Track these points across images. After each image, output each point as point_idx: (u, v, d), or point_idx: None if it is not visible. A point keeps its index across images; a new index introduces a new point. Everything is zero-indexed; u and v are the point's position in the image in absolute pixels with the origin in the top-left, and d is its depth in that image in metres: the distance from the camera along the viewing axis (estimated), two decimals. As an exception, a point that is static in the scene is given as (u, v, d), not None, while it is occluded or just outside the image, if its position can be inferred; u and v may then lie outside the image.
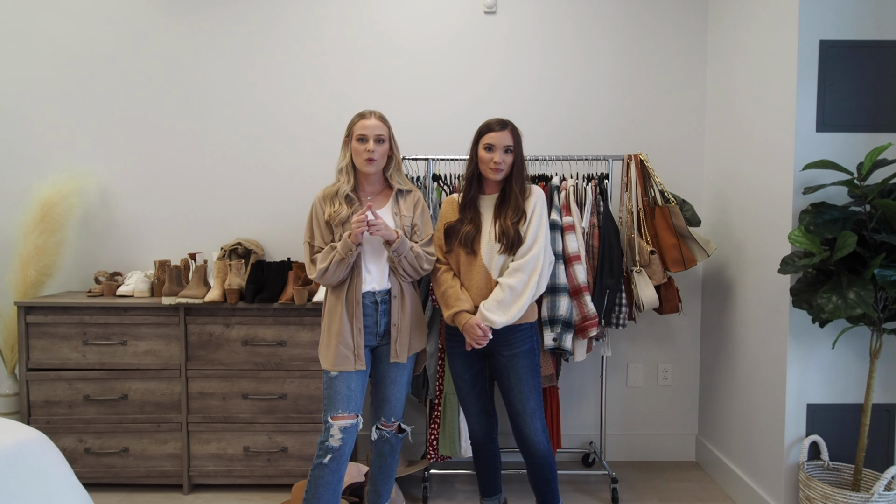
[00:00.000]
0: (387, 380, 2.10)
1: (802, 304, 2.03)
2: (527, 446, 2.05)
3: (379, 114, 2.05)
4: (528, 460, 2.07)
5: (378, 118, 2.03)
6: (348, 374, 1.99)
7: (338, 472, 1.98)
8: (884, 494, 1.92)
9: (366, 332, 2.02)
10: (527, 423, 2.02)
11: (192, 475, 2.63)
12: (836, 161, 1.97)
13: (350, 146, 2.04)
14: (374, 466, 2.20)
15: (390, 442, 2.15)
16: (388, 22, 2.96)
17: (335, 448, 1.96)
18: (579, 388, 3.03)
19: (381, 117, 2.04)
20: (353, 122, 2.05)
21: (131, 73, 2.96)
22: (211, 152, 2.99)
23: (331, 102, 2.96)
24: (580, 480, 2.79)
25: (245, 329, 2.59)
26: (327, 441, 1.96)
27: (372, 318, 2.02)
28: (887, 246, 1.90)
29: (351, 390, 1.99)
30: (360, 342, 2.00)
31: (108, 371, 2.60)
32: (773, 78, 2.29)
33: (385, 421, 2.13)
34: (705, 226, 2.91)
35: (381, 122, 2.03)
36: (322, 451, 1.97)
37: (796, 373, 2.20)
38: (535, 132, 2.94)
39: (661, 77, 2.96)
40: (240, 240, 2.84)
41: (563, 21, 2.96)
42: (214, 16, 2.95)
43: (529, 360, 2.02)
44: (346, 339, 1.98)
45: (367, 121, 2.01)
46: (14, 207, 2.92)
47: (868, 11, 2.12)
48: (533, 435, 2.02)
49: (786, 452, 2.21)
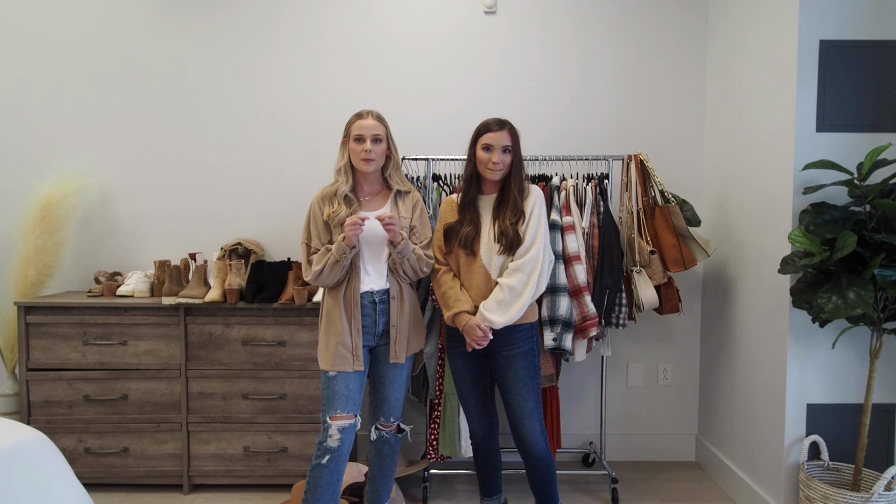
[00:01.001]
0: (385, 380, 2.10)
1: (802, 304, 2.03)
2: (524, 447, 2.04)
3: (376, 113, 2.05)
4: (526, 461, 2.07)
5: (375, 118, 2.03)
6: (346, 374, 1.99)
7: (336, 472, 1.98)
8: (884, 494, 1.92)
9: (364, 332, 2.02)
10: (524, 423, 2.02)
11: (192, 475, 2.63)
12: (836, 161, 1.97)
13: (348, 146, 2.04)
14: (374, 466, 2.20)
15: (389, 442, 2.15)
16: (389, 22, 2.96)
17: (333, 448, 1.96)
18: (579, 388, 3.03)
19: (378, 117, 2.04)
20: (350, 122, 2.05)
21: (131, 72, 2.96)
22: (211, 152, 2.99)
23: (331, 102, 2.96)
24: (580, 480, 2.79)
25: (245, 329, 2.59)
26: (325, 441, 1.96)
27: (370, 318, 2.02)
28: (887, 246, 1.90)
29: (349, 390, 1.99)
30: (359, 342, 2.00)
31: (108, 371, 2.60)
32: (773, 78, 2.29)
33: (384, 421, 2.12)
34: (705, 226, 2.91)
35: (379, 121, 2.03)
36: (320, 452, 1.97)
37: (796, 373, 2.20)
38: (535, 132, 2.94)
39: (661, 77, 2.96)
40: (240, 240, 2.84)
41: (563, 21, 2.96)
42: (215, 16, 2.95)
43: (528, 360, 2.02)
44: (344, 340, 1.98)
45: (363, 121, 2.01)
46: (14, 207, 2.92)
47: (868, 11, 2.12)
48: (531, 436, 2.02)
49: (786, 452, 2.21)
